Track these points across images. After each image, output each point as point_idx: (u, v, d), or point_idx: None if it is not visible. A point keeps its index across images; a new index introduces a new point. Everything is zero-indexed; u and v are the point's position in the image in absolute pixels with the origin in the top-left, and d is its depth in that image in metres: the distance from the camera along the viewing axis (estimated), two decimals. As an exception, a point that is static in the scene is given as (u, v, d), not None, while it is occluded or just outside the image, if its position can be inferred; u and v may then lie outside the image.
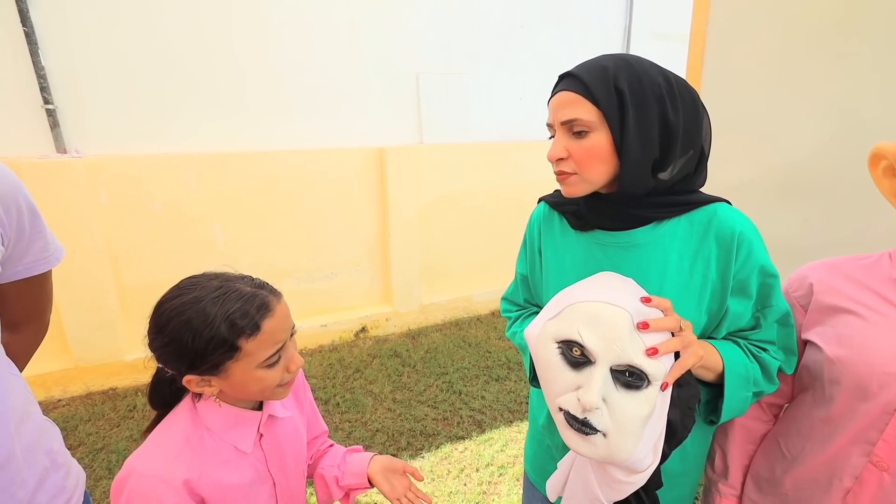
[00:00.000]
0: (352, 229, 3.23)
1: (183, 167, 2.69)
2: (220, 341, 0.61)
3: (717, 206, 0.70)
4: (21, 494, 0.62)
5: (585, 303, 0.58)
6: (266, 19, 2.79)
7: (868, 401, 0.63)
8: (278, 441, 0.76)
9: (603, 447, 0.56)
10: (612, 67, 0.65)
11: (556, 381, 0.59)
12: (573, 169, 0.67)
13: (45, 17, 2.32)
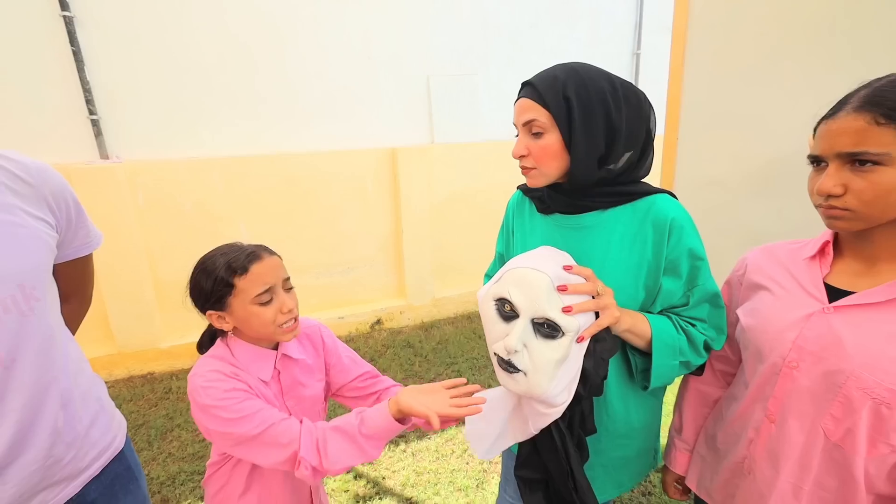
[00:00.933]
0: (367, 226, 3.40)
1: (210, 170, 2.91)
2: (220, 279, 0.80)
3: (656, 196, 0.80)
4: (79, 429, 0.78)
5: (518, 268, 0.70)
6: (284, 32, 2.99)
7: (763, 363, 0.72)
8: (294, 378, 0.91)
9: (524, 383, 0.69)
10: (562, 77, 0.75)
11: (492, 332, 0.72)
12: (533, 164, 0.79)
13: (90, 38, 2.57)
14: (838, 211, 0.62)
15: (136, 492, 0.90)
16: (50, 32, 2.51)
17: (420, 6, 3.31)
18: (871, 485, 0.65)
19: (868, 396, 0.62)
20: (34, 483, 0.72)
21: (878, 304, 0.63)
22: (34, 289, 0.72)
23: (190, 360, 2.95)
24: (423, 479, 1.90)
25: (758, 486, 0.74)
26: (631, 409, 0.86)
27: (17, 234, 0.70)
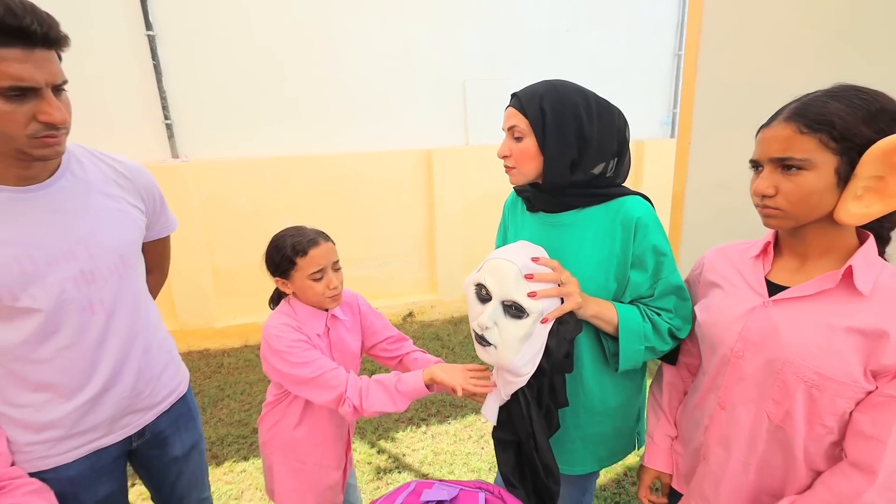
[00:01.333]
0: (402, 223, 3.58)
1: (262, 169, 3.22)
2: (286, 257, 1.02)
3: (627, 198, 0.88)
4: (155, 371, 0.98)
5: (493, 259, 0.82)
6: (331, 42, 3.24)
7: (715, 354, 0.79)
8: (339, 335, 1.13)
9: (494, 355, 0.81)
10: (541, 90, 0.86)
11: (472, 312, 0.84)
12: (513, 164, 0.90)
13: (167, 53, 2.94)
14: (771, 210, 0.69)
15: (194, 429, 1.11)
16: (136, 49, 2.90)
17: (457, 13, 3.46)
18: (811, 462, 0.71)
19: (801, 380, 0.68)
20: (123, 408, 0.92)
21: (809, 297, 0.69)
22: (129, 258, 0.93)
23: (240, 339, 3.27)
24: (440, 459, 2.04)
25: (712, 468, 0.81)
26: (607, 389, 0.94)
27: (120, 218, 0.92)
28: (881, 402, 0.64)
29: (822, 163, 0.63)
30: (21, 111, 0.70)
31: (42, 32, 0.69)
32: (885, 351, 0.62)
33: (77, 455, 0.89)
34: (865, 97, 0.63)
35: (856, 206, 0.63)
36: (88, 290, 0.85)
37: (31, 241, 0.79)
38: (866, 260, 0.66)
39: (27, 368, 0.82)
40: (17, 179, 0.78)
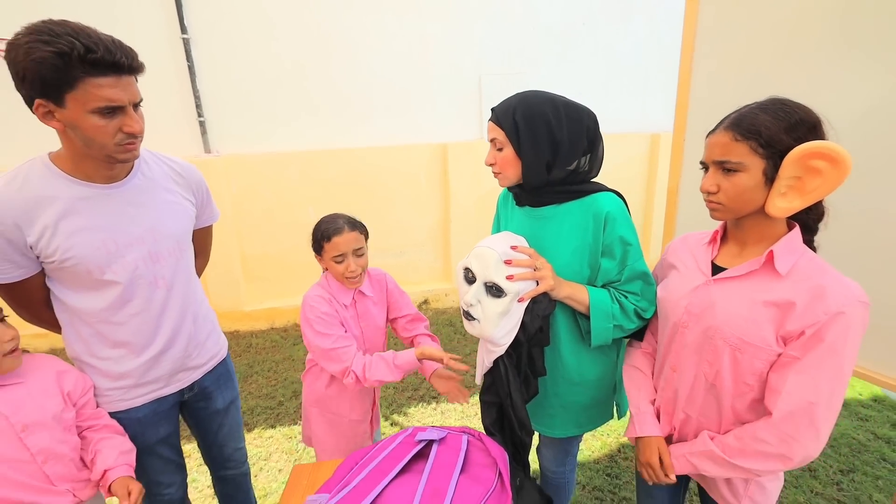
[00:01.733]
0: (418, 215, 3.74)
1: (288, 163, 3.42)
2: (317, 239, 1.23)
3: (599, 194, 0.99)
4: (201, 338, 1.17)
5: (479, 247, 0.96)
6: (352, 42, 3.39)
7: (667, 325, 0.91)
8: (366, 308, 1.31)
9: (477, 328, 0.95)
10: (514, 104, 0.98)
11: (460, 291, 0.98)
12: (498, 170, 1.03)
13: (201, 55, 3.15)
14: (714, 204, 0.80)
15: (233, 388, 1.30)
16: (172, 51, 3.12)
17: (473, 10, 3.55)
18: (738, 415, 0.84)
19: (727, 345, 0.80)
20: (177, 365, 1.12)
21: (740, 277, 0.81)
22: (183, 243, 1.11)
23: (266, 322, 3.50)
24: (449, 433, 2.20)
25: (667, 421, 0.94)
26: (583, 363, 1.07)
27: (177, 210, 1.10)
28: (785, 362, 0.76)
29: (752, 165, 0.74)
30: (111, 125, 0.88)
31: (127, 64, 0.87)
32: (791, 318, 0.74)
33: (143, 400, 1.09)
34: (788, 110, 0.73)
35: (781, 202, 0.74)
36: (154, 268, 1.03)
37: (114, 227, 0.98)
38: (787, 246, 0.77)
39: (108, 329, 1.01)
40: (104, 178, 0.97)
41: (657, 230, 4.07)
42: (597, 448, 2.00)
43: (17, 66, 0.81)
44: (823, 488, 1.73)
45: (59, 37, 0.80)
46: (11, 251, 0.90)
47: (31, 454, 0.88)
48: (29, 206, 0.90)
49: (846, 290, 0.73)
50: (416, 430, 0.87)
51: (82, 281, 0.97)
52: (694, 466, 0.87)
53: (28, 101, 0.85)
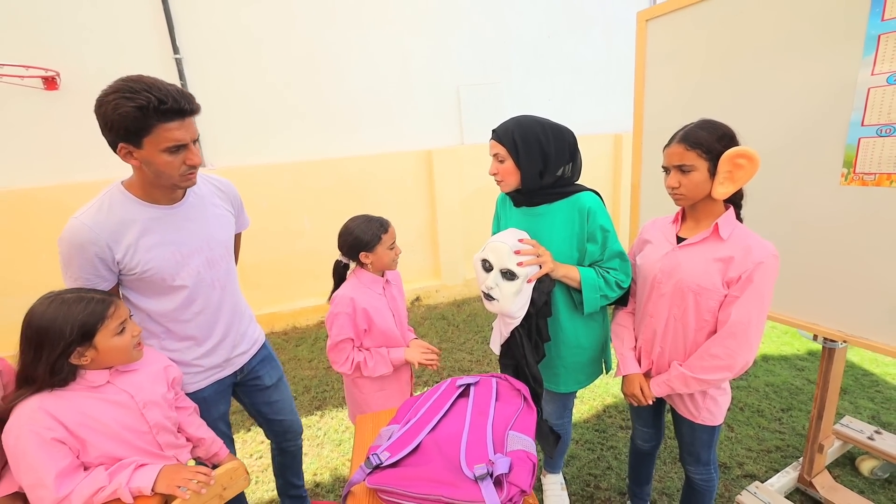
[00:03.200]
0: (407, 217, 3.97)
1: (281, 173, 3.59)
2: (370, 237, 1.40)
3: (582, 193, 1.26)
4: (243, 328, 1.37)
5: (492, 241, 1.22)
6: (338, 57, 3.60)
7: (646, 284, 1.22)
8: (392, 293, 1.52)
9: (497, 306, 1.21)
10: (511, 126, 1.25)
11: (479, 279, 1.24)
12: (501, 178, 1.29)
13: (193, 74, 3.30)
14: (678, 195, 1.12)
15: (277, 367, 1.51)
16: (165, 70, 3.25)
17: (449, 26, 3.84)
18: (697, 346, 1.15)
19: (690, 291, 1.11)
20: (230, 353, 1.32)
21: (696, 243, 1.13)
22: (229, 248, 1.31)
23: (266, 327, 3.64)
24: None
25: (646, 358, 1.25)
26: (578, 329, 1.35)
27: (223, 220, 1.30)
28: (729, 300, 1.09)
29: (700, 166, 1.06)
30: (177, 159, 1.06)
31: (189, 108, 1.05)
32: (731, 268, 1.07)
33: (207, 383, 1.29)
34: (717, 126, 1.07)
35: (721, 188, 1.06)
36: (211, 272, 1.24)
37: (179, 240, 1.17)
38: (726, 220, 1.10)
39: (177, 326, 1.21)
40: (168, 201, 1.16)
41: (624, 217, 4.46)
42: (585, 410, 2.31)
43: (106, 118, 1.00)
44: (768, 423, 2.09)
45: (138, 93, 0.98)
46: (103, 268, 1.09)
47: (149, 426, 1.07)
48: (116, 228, 1.08)
49: (764, 247, 1.06)
50: (455, 379, 1.12)
51: (157, 287, 1.16)
52: (670, 388, 1.18)
53: (112, 145, 1.04)
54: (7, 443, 0.91)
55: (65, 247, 1.07)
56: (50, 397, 0.95)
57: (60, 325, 0.94)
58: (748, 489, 1.56)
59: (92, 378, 1.00)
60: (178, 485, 0.96)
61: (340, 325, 1.41)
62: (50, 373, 0.94)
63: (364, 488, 0.89)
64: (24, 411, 0.92)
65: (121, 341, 1.01)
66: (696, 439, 1.26)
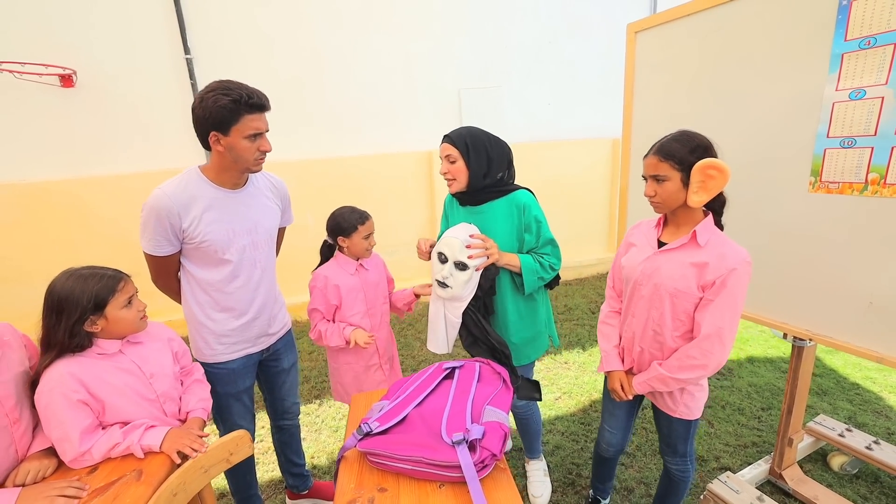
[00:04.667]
0: (407, 216, 4.08)
1: (286, 171, 3.68)
2: (350, 224, 1.55)
3: (518, 191, 1.44)
4: (276, 311, 1.49)
5: (446, 236, 1.35)
6: (344, 60, 3.72)
7: (629, 285, 1.31)
8: (366, 276, 1.62)
9: (450, 292, 1.35)
10: (463, 133, 1.42)
11: (435, 269, 1.37)
12: (452, 177, 1.43)
13: (203, 73, 3.41)
14: (655, 203, 1.20)
15: (295, 353, 1.64)
16: (176, 70, 3.37)
17: (452, 32, 3.94)
18: (675, 347, 1.23)
19: (667, 293, 1.19)
20: (262, 331, 1.44)
21: (675, 248, 1.20)
22: (272, 237, 1.44)
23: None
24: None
25: (629, 356, 1.34)
26: (521, 308, 1.50)
27: (271, 212, 1.43)
28: (704, 304, 1.16)
29: (673, 177, 1.14)
30: (254, 146, 1.24)
31: (267, 104, 1.25)
32: (706, 273, 1.14)
33: (237, 355, 1.41)
34: (689, 139, 1.14)
35: (695, 197, 1.14)
36: (254, 252, 1.37)
37: (233, 220, 1.31)
38: (704, 227, 1.17)
39: (219, 296, 1.34)
40: (232, 185, 1.31)
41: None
42: (573, 405, 2.40)
43: (206, 110, 1.18)
44: (747, 420, 2.18)
45: (232, 90, 1.18)
46: (171, 234, 1.24)
47: (157, 395, 1.18)
48: (187, 201, 1.24)
49: (738, 254, 1.13)
50: (442, 363, 1.23)
51: (209, 258, 1.30)
52: (650, 386, 1.27)
53: (203, 135, 1.22)
54: (39, 402, 1.02)
55: (146, 211, 1.23)
56: (74, 363, 1.06)
57: (77, 295, 1.06)
58: (719, 478, 1.65)
59: (105, 346, 1.12)
60: (180, 448, 1.07)
61: (314, 298, 1.58)
62: (69, 336, 1.05)
63: (356, 453, 0.99)
64: (54, 375, 1.03)
65: (128, 313, 1.13)
66: (674, 432, 1.35)
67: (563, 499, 1.78)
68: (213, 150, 1.25)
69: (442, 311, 1.45)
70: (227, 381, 1.39)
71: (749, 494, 1.56)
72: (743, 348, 2.92)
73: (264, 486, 1.98)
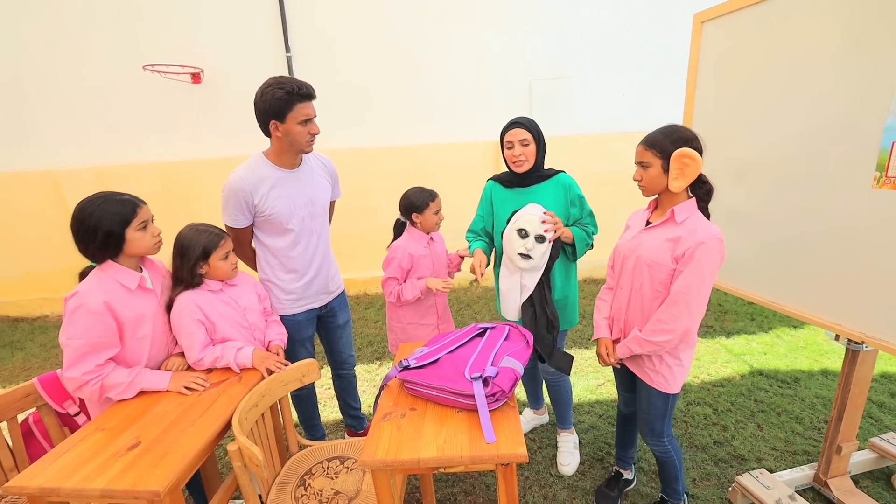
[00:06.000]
0: (472, 202, 4.24)
1: (364, 158, 4.08)
2: (422, 201, 1.80)
3: (561, 173, 1.66)
4: (331, 273, 1.80)
5: (525, 215, 1.52)
6: (420, 54, 3.98)
7: (618, 260, 1.42)
8: (436, 248, 1.88)
9: (531, 263, 1.52)
10: (532, 121, 1.59)
11: (515, 245, 1.53)
12: (525, 159, 1.59)
13: (301, 69, 3.88)
14: (641, 186, 1.31)
15: (348, 312, 1.93)
16: (277, 66, 3.87)
17: (525, 22, 4.01)
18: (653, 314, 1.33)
19: (645, 265, 1.31)
20: (321, 289, 1.75)
21: (656, 226, 1.32)
22: (325, 209, 1.73)
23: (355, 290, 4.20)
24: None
25: (617, 326, 1.45)
26: (569, 272, 1.70)
27: (323, 187, 1.72)
28: (677, 273, 1.26)
29: (655, 163, 1.26)
30: (305, 130, 1.51)
31: (313, 93, 1.50)
32: (678, 246, 1.24)
33: (301, 309, 1.73)
34: (675, 130, 1.24)
35: (674, 182, 1.25)
36: (311, 223, 1.66)
37: (293, 195, 1.60)
38: (683, 207, 1.28)
39: (286, 260, 1.66)
40: (290, 166, 1.60)
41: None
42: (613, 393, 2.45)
43: (265, 103, 1.45)
44: (804, 430, 2.08)
45: (285, 84, 1.44)
46: (245, 209, 1.56)
47: (249, 325, 1.53)
48: (256, 181, 1.54)
49: (708, 229, 1.23)
50: (477, 324, 1.42)
51: (276, 228, 1.61)
52: (629, 349, 1.38)
53: (265, 124, 1.50)
54: (173, 320, 1.40)
55: (226, 192, 1.55)
56: (195, 294, 1.42)
57: (193, 244, 1.42)
58: (751, 472, 1.65)
59: (212, 285, 1.48)
60: (268, 366, 1.39)
61: (391, 268, 1.82)
62: (190, 274, 1.41)
63: (396, 382, 1.23)
64: (183, 300, 1.40)
65: (224, 264, 1.48)
66: (651, 406, 1.43)
67: (590, 471, 1.89)
68: (272, 137, 1.52)
69: (518, 282, 1.64)
70: (294, 330, 1.71)
71: (780, 492, 1.56)
72: (817, 360, 2.71)
73: (328, 424, 2.34)
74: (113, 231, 1.22)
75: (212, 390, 1.31)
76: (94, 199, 1.23)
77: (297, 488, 1.32)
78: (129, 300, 1.28)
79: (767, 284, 1.71)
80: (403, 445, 1.00)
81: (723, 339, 3.03)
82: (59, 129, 4.05)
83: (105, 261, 1.27)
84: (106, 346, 1.23)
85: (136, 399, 1.28)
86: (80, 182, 3.94)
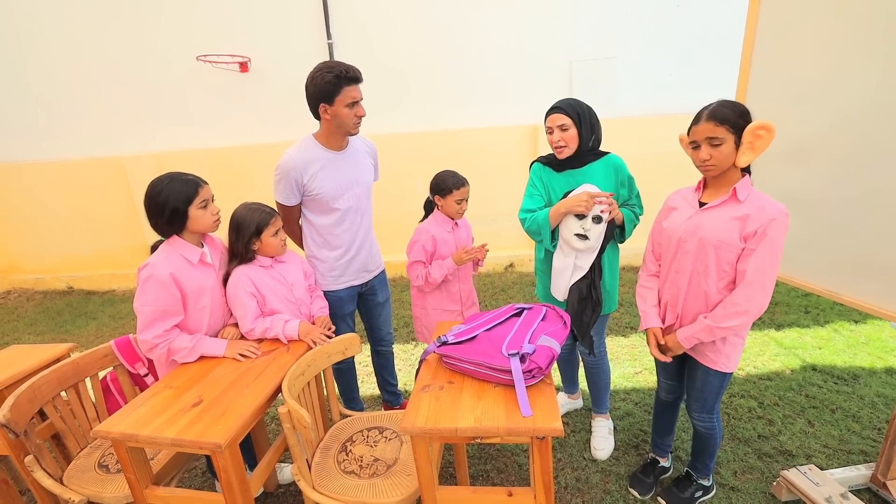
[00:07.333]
0: (508, 187, 4.23)
1: (403, 143, 4.12)
2: (447, 186, 1.81)
3: (609, 155, 1.63)
4: (373, 252, 1.87)
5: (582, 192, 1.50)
6: (459, 37, 3.94)
7: (671, 244, 1.37)
8: (459, 232, 1.90)
9: (588, 243, 1.52)
10: (573, 103, 1.56)
11: (572, 227, 1.53)
12: (564, 144, 1.56)
13: (341, 56, 3.94)
14: (708, 166, 1.24)
15: (387, 289, 2.00)
16: (318, 52, 3.96)
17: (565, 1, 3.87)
18: (720, 294, 1.29)
19: (711, 246, 1.26)
20: (362, 267, 1.82)
21: (716, 206, 1.26)
22: (369, 190, 1.80)
23: (381, 273, 4.31)
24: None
25: (672, 312, 1.41)
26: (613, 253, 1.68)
27: (367, 169, 1.78)
28: (746, 253, 1.22)
29: (728, 140, 1.20)
30: (352, 112, 1.56)
31: (359, 77, 1.54)
32: (748, 224, 1.20)
33: (343, 286, 1.81)
34: (736, 105, 1.20)
35: (744, 157, 1.20)
36: (357, 202, 1.73)
37: (340, 176, 1.67)
38: (743, 185, 1.24)
39: (331, 238, 1.73)
40: (338, 148, 1.67)
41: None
42: (651, 381, 2.40)
43: (315, 87, 1.51)
44: (861, 429, 1.96)
45: (333, 68, 1.50)
46: (295, 188, 1.64)
47: (296, 299, 1.62)
48: (306, 162, 1.62)
49: (775, 207, 1.20)
50: (514, 304, 1.43)
51: (323, 207, 1.68)
52: (696, 339, 1.33)
53: (315, 107, 1.56)
54: (229, 292, 1.50)
55: (279, 171, 1.63)
56: (248, 268, 1.52)
57: (248, 222, 1.51)
58: (799, 468, 1.58)
59: (262, 261, 1.57)
60: (314, 338, 1.47)
61: (415, 251, 1.86)
62: (244, 249, 1.51)
63: (435, 357, 1.27)
64: (237, 274, 1.50)
65: (275, 240, 1.56)
66: (707, 385, 1.41)
67: (624, 457, 1.88)
68: (322, 119, 1.58)
69: (573, 263, 1.64)
70: (336, 306, 1.79)
71: (830, 489, 1.49)
72: (881, 357, 2.53)
73: (367, 399, 2.44)
74: (178, 208, 1.33)
75: (263, 358, 1.41)
76: (163, 178, 1.34)
77: (339, 453, 1.40)
78: (192, 273, 1.38)
79: (826, 273, 1.61)
80: (442, 415, 1.04)
81: (772, 331, 2.88)
82: (123, 117, 4.35)
83: (171, 236, 1.38)
84: (172, 314, 1.35)
85: (197, 363, 1.40)
86: (142, 167, 4.23)
